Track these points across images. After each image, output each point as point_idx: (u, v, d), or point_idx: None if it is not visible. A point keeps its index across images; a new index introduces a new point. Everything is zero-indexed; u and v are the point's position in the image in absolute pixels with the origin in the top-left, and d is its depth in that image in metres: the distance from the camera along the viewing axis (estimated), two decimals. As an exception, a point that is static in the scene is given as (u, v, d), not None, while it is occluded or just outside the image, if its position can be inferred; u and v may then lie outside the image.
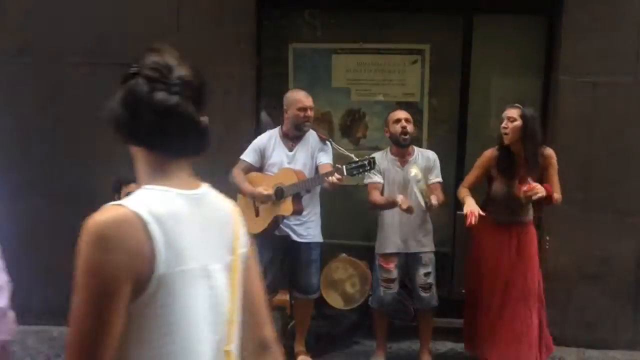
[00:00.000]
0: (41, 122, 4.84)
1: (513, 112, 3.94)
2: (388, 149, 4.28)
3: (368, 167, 3.70)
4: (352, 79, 5.11)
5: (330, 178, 3.72)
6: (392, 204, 4.04)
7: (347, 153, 3.96)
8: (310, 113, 4.09)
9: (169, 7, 4.77)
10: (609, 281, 4.77)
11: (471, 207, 3.84)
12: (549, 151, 4.04)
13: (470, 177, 4.14)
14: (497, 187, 4.04)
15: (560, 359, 4.60)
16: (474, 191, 4.08)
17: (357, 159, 3.74)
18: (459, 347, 4.58)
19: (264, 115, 4.97)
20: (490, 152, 4.08)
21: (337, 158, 4.18)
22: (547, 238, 4.78)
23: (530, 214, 4.14)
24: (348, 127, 5.17)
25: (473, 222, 3.78)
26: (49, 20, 4.80)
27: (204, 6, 4.78)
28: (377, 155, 4.24)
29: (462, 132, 5.01)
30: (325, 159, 4.09)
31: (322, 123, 5.15)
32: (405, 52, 5.08)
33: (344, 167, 3.73)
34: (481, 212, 3.83)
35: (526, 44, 5.05)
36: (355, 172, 3.72)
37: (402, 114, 4.18)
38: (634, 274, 4.78)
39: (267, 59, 5.09)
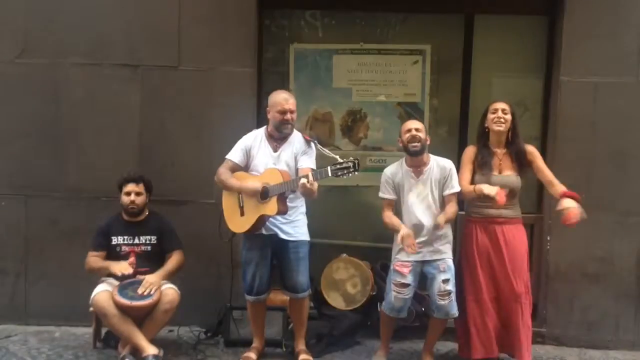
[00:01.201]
0: (42, 122, 4.85)
1: (505, 105, 4.12)
2: (403, 159, 4.23)
3: (352, 169, 3.67)
4: (353, 79, 5.11)
5: (300, 181, 3.73)
6: (396, 231, 4.07)
7: (331, 155, 3.90)
8: (289, 116, 4.06)
9: (169, 7, 4.77)
10: (610, 281, 4.77)
11: (491, 188, 3.91)
12: (531, 147, 4.20)
13: (465, 175, 4.15)
14: (479, 179, 4.09)
15: (561, 359, 4.61)
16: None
17: (342, 160, 3.70)
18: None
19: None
20: (471, 149, 4.24)
21: (322, 160, 4.12)
22: (548, 238, 4.79)
23: (518, 211, 4.17)
24: (349, 127, 5.17)
25: (505, 198, 3.89)
26: (50, 21, 4.81)
27: (205, 6, 4.78)
28: (392, 166, 4.22)
29: (463, 132, 5.00)
30: (306, 162, 4.06)
31: (323, 123, 5.16)
32: (406, 53, 5.08)
33: (329, 168, 3.72)
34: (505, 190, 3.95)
35: (527, 44, 5.05)
36: (340, 174, 3.70)
37: (412, 124, 4.14)
38: (635, 274, 4.78)
39: (268, 59, 5.10)
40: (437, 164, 4.16)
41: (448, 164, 4.17)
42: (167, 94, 4.83)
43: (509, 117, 4.09)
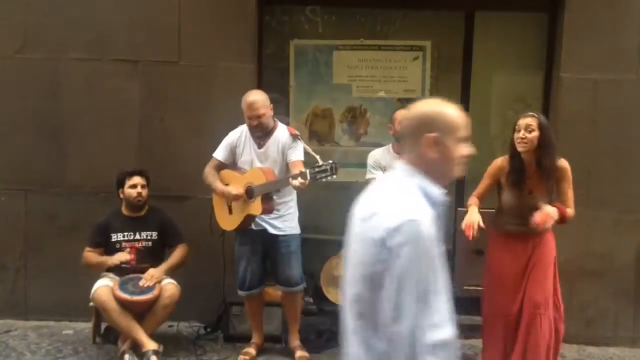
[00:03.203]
0: (42, 117, 4.85)
1: (531, 121, 3.70)
2: (390, 145, 4.27)
3: (329, 172, 3.63)
4: (353, 75, 5.11)
5: (293, 182, 3.72)
6: None
7: (313, 154, 3.89)
8: (256, 122, 4.02)
9: (170, 2, 4.77)
10: (610, 278, 4.77)
11: (468, 220, 3.69)
12: (564, 163, 3.82)
13: (480, 187, 3.97)
14: (507, 197, 3.86)
15: (560, 355, 4.60)
16: (484, 200, 3.95)
17: (321, 163, 3.66)
18: (458, 343, 4.58)
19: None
20: (500, 162, 3.90)
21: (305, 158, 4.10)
22: (548, 235, 4.79)
23: None
24: (349, 123, 5.18)
25: (470, 236, 3.66)
26: (50, 16, 4.80)
27: (205, 2, 4.77)
28: (378, 151, 4.24)
29: (463, 129, 5.00)
30: (295, 156, 4.05)
31: (323, 119, 5.16)
32: (407, 49, 5.08)
33: (308, 171, 3.69)
34: (481, 224, 3.67)
35: (527, 41, 5.05)
36: (318, 177, 3.65)
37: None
38: (634, 271, 4.78)
39: (268, 55, 5.10)
40: None
41: None
42: (167, 89, 4.83)
43: (534, 135, 3.68)
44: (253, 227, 4.13)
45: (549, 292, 3.90)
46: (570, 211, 3.79)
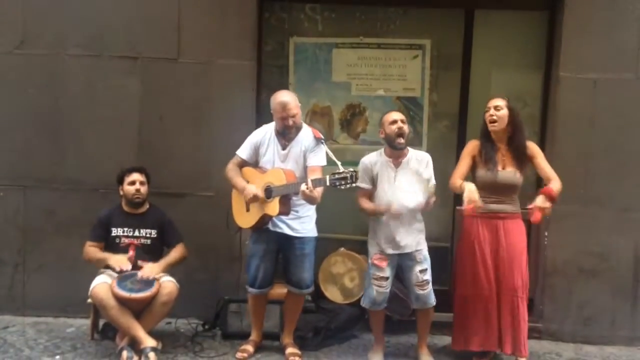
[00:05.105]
0: (41, 113, 4.84)
1: (499, 102, 4.09)
2: (382, 149, 4.23)
3: (350, 181, 3.63)
4: (353, 74, 5.11)
5: (301, 186, 3.73)
6: (379, 214, 4.06)
7: (335, 159, 3.85)
8: (291, 122, 4.00)
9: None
10: (607, 277, 4.78)
11: (471, 196, 3.88)
12: (531, 143, 4.18)
13: (461, 167, 4.15)
14: (481, 173, 4.08)
15: (557, 354, 4.62)
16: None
17: (342, 170, 3.66)
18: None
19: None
20: (473, 143, 4.21)
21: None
22: (546, 234, 4.80)
23: (518, 207, 4.15)
24: (348, 121, 5.17)
25: (471, 212, 3.86)
26: (49, 12, 4.80)
27: (205, -1, 4.78)
28: (371, 156, 4.20)
29: (463, 127, 5.01)
30: (315, 161, 4.03)
31: (322, 117, 5.16)
32: (406, 47, 5.08)
33: (328, 177, 3.68)
34: (481, 204, 3.90)
35: (527, 39, 5.05)
36: (337, 184, 3.65)
37: (397, 115, 4.13)
38: (633, 270, 4.79)
39: (268, 52, 5.09)
40: (415, 156, 4.17)
41: (426, 156, 4.19)
42: (167, 86, 4.83)
43: (503, 113, 4.05)
44: (270, 226, 4.10)
45: (526, 276, 4.13)
46: (555, 184, 4.00)
